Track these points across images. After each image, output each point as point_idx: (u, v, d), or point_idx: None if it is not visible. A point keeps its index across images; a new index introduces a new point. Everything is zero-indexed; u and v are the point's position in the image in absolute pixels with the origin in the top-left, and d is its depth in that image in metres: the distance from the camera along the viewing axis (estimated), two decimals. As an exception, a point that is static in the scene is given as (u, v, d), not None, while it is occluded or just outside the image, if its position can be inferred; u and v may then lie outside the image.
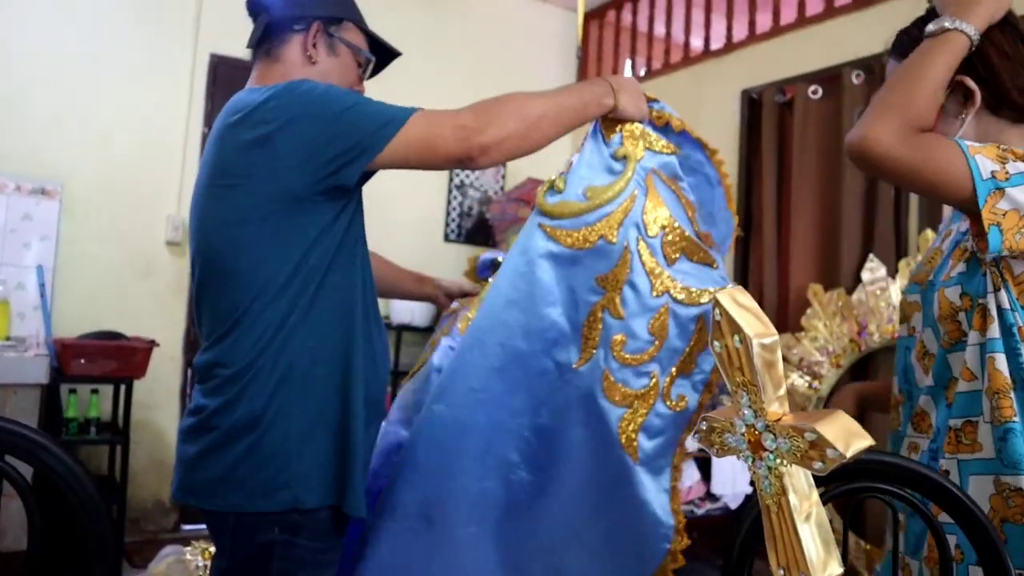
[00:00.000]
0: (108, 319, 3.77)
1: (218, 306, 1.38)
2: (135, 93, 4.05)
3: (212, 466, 1.36)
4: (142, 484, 3.98)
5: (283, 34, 1.49)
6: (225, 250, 1.37)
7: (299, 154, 1.30)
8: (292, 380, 1.35)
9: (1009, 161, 1.09)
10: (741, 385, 0.64)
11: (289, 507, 1.33)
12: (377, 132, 1.30)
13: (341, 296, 1.40)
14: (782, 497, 0.64)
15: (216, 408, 1.36)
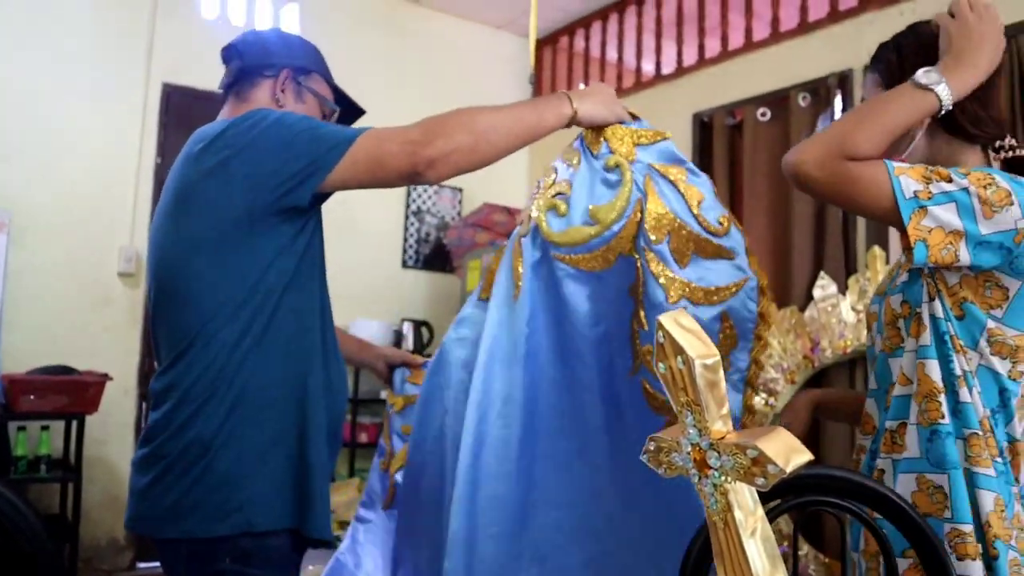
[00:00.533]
0: (60, 353, 3.69)
1: (173, 330, 1.39)
2: (87, 122, 4.00)
3: (165, 493, 1.34)
4: (96, 521, 3.89)
5: (254, 78, 1.55)
6: (179, 273, 1.38)
7: (252, 177, 1.33)
8: (246, 402, 1.34)
9: (933, 181, 1.14)
10: (685, 405, 0.65)
11: (242, 531, 1.32)
12: (327, 153, 1.33)
13: (298, 319, 1.41)
14: (728, 513, 0.65)
15: (170, 432, 1.35)
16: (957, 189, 1.12)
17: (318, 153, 1.33)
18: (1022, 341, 1.18)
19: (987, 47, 1.21)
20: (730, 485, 0.65)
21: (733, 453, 0.64)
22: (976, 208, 1.11)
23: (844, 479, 0.99)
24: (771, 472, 0.60)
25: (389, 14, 4.91)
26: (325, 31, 4.69)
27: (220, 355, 1.34)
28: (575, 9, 5.08)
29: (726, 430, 0.65)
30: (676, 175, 1.40)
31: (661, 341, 0.66)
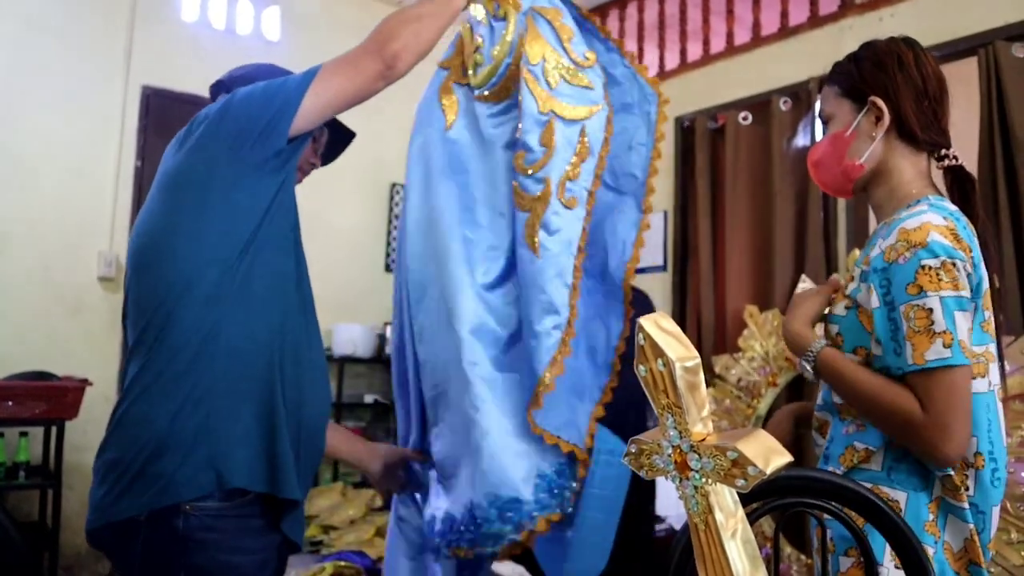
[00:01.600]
0: (38, 358, 3.65)
1: (148, 296, 1.37)
2: (64, 126, 3.95)
3: (127, 467, 1.31)
4: (75, 529, 3.84)
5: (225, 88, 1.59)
6: (154, 240, 1.38)
7: (230, 134, 1.38)
8: (216, 355, 1.33)
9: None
10: (666, 407, 0.65)
11: (211, 490, 1.29)
12: (294, 89, 1.41)
13: (272, 282, 1.42)
14: (709, 515, 0.65)
15: (132, 399, 1.36)
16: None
17: (285, 93, 1.40)
18: (988, 354, 1.24)
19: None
20: (711, 487, 0.65)
21: (713, 455, 0.64)
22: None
23: (824, 480, 0.99)
24: (751, 474, 0.60)
25: (371, 17, 4.86)
26: (306, 35, 4.68)
27: (195, 314, 1.33)
28: (557, 13, 5.09)
29: (707, 432, 0.66)
30: (553, 15, 1.73)
31: (642, 343, 0.66)
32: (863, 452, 1.25)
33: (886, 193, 1.35)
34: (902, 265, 1.20)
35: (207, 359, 1.33)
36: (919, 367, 1.17)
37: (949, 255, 1.18)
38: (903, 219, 1.25)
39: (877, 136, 1.33)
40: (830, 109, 1.41)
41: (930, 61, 1.37)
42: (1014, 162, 2.87)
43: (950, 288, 1.17)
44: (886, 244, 1.25)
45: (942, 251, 1.18)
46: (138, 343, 1.38)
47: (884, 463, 1.25)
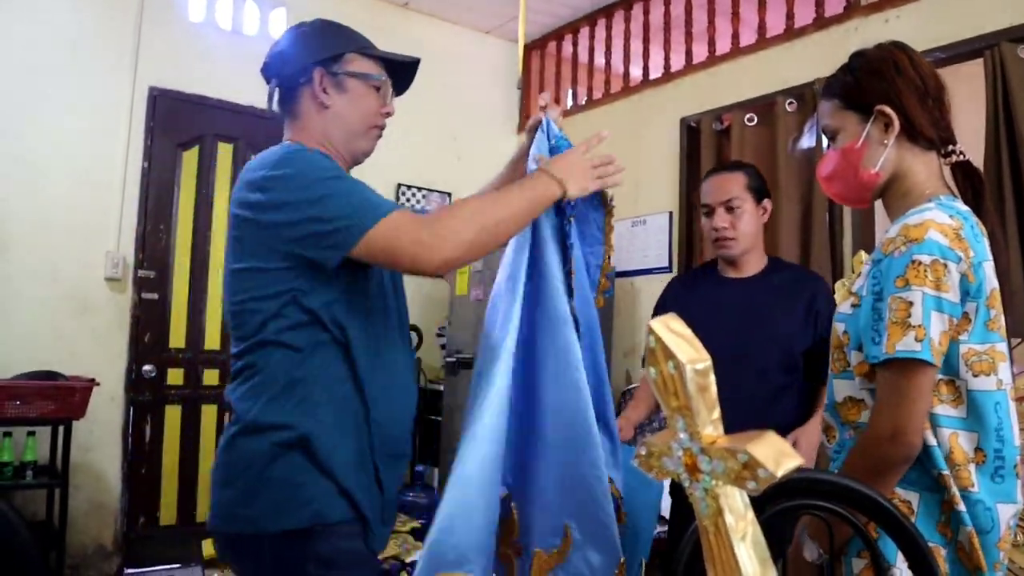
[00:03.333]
0: (46, 358, 3.67)
1: (235, 347, 1.48)
2: (71, 126, 3.97)
3: (260, 480, 1.40)
4: (82, 529, 3.86)
5: (293, 91, 1.55)
6: (233, 300, 1.47)
7: (281, 225, 1.38)
8: (302, 410, 1.41)
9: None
10: (676, 410, 0.66)
11: (349, 516, 1.40)
12: (349, 229, 1.35)
13: (356, 329, 1.45)
14: (719, 518, 0.66)
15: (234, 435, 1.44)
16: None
17: (341, 224, 1.35)
18: (994, 352, 1.23)
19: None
20: (721, 489, 0.65)
21: (724, 457, 0.64)
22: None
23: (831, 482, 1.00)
24: (762, 476, 0.60)
25: (376, 19, 4.90)
26: (313, 36, 4.69)
27: (280, 366, 1.41)
28: (563, 14, 5.09)
29: (717, 435, 0.66)
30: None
31: (652, 346, 0.66)
32: None
33: (901, 196, 1.37)
34: (896, 258, 1.22)
35: (305, 391, 1.41)
36: (889, 356, 1.19)
37: (942, 255, 1.19)
38: (909, 215, 1.27)
39: (888, 143, 1.34)
40: (835, 124, 1.41)
41: (923, 61, 1.38)
42: (1020, 163, 2.86)
43: (933, 287, 1.18)
44: (887, 237, 1.27)
45: (936, 250, 1.19)
46: (246, 366, 1.46)
47: None
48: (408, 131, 4.92)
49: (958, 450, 1.22)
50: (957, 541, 1.21)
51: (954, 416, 1.23)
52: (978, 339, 1.23)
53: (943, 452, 1.22)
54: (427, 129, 4.95)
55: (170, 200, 4.27)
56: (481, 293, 4.28)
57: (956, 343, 1.23)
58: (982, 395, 1.22)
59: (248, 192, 1.43)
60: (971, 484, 1.21)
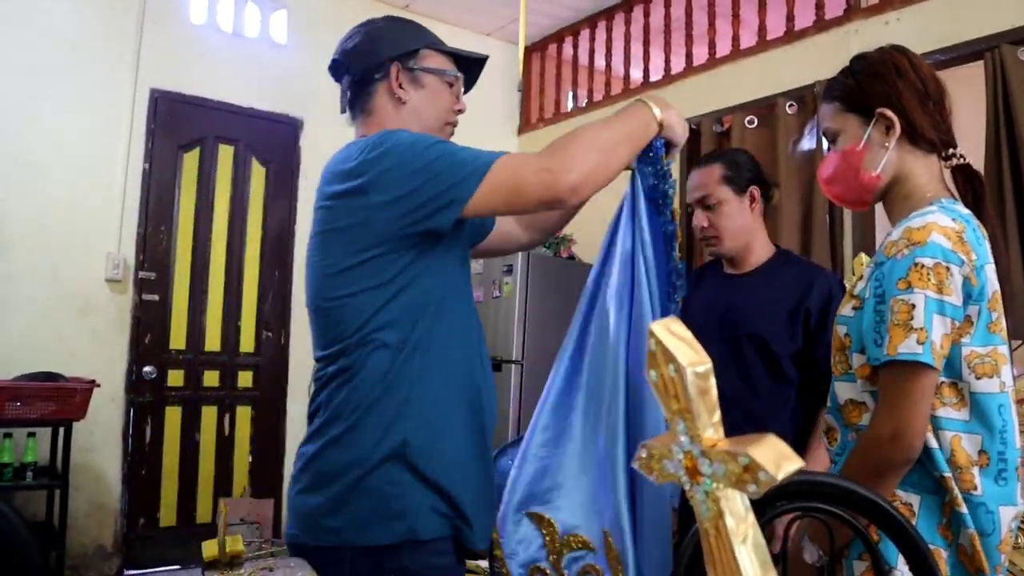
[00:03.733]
0: (46, 359, 3.67)
1: (323, 350, 1.43)
2: (73, 128, 3.98)
3: (326, 501, 1.37)
4: (82, 530, 3.86)
5: (368, 87, 1.52)
6: (328, 297, 1.40)
7: (393, 205, 1.33)
8: (401, 418, 1.36)
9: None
10: (677, 413, 0.66)
11: (445, 533, 1.36)
12: (463, 181, 1.32)
13: (450, 336, 1.42)
14: (719, 520, 0.66)
15: (325, 442, 1.39)
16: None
17: (455, 180, 1.32)
18: (996, 354, 1.23)
19: None
20: (721, 492, 0.65)
21: (724, 460, 0.64)
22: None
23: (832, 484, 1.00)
24: (762, 479, 0.60)
25: (378, 20, 4.90)
26: (313, 38, 4.69)
27: (377, 369, 1.36)
28: (564, 16, 5.10)
29: (717, 437, 0.66)
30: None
31: (652, 349, 0.66)
32: None
33: (902, 199, 1.37)
34: (899, 261, 1.22)
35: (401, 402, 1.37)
36: (890, 358, 1.19)
37: (945, 258, 1.19)
38: (911, 218, 1.27)
39: (890, 145, 1.35)
40: (836, 126, 1.41)
41: (924, 64, 1.38)
42: (1020, 165, 2.86)
43: (935, 290, 1.19)
44: (889, 240, 1.27)
45: (939, 253, 1.20)
46: (341, 370, 1.41)
47: None
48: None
49: (961, 452, 1.22)
50: (958, 544, 1.21)
51: (956, 419, 1.23)
52: (980, 342, 1.23)
53: (945, 455, 1.22)
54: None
55: (171, 202, 4.27)
56: (481, 295, 4.28)
57: (958, 346, 1.23)
58: (985, 397, 1.22)
59: (341, 182, 1.39)
60: (974, 487, 1.21)
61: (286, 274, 4.59)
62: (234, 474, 4.38)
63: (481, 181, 1.31)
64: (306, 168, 4.67)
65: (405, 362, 1.37)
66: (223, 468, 4.36)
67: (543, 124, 5.28)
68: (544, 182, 1.31)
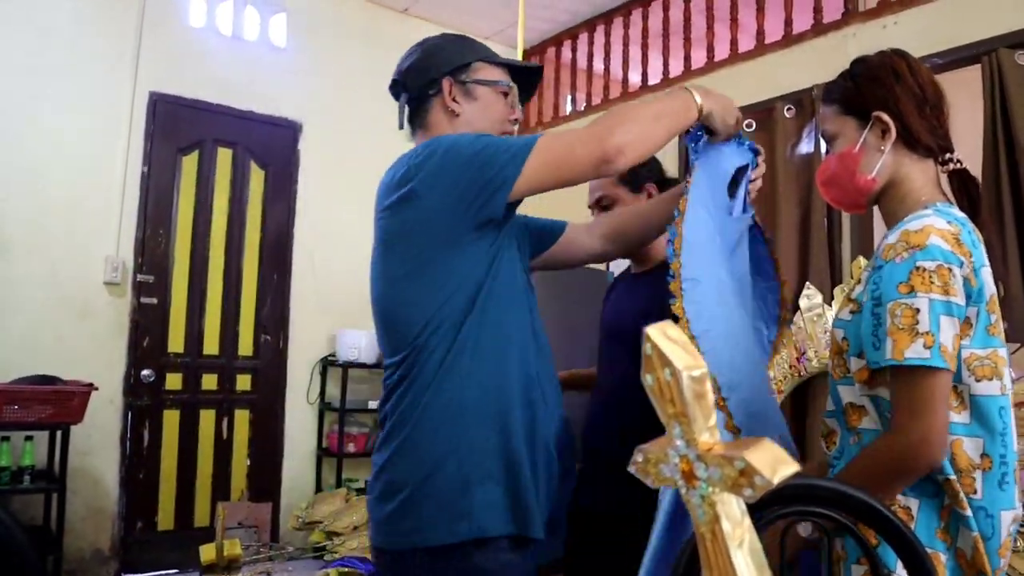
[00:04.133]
0: (44, 363, 3.66)
1: (390, 358, 1.48)
2: (72, 131, 3.98)
3: (397, 506, 1.41)
4: (79, 533, 3.85)
5: (424, 103, 1.58)
6: (390, 304, 1.47)
7: (445, 201, 1.38)
8: (458, 411, 1.39)
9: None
10: (673, 417, 0.66)
11: (472, 537, 1.36)
12: (509, 162, 1.36)
13: (503, 333, 1.44)
14: (716, 525, 0.65)
15: (392, 449, 1.43)
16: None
17: (501, 165, 1.36)
18: (996, 357, 1.24)
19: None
20: (718, 496, 0.65)
21: (720, 464, 0.64)
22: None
23: (829, 489, 1.00)
24: (758, 483, 0.60)
25: (376, 24, 4.92)
26: (313, 41, 4.70)
27: (429, 376, 1.40)
28: (562, 20, 5.11)
29: (713, 441, 0.66)
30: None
31: (648, 353, 0.66)
32: None
33: (898, 202, 1.37)
34: (898, 264, 1.21)
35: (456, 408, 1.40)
36: (897, 362, 1.18)
37: (946, 259, 1.19)
38: (907, 221, 1.27)
39: (885, 149, 1.35)
40: (833, 129, 1.42)
41: (923, 68, 1.38)
42: (1018, 168, 2.87)
43: (940, 292, 1.18)
44: (886, 243, 1.26)
45: (940, 255, 1.19)
46: (401, 378, 1.45)
47: None
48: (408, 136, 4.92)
49: (962, 455, 1.21)
50: (957, 548, 1.21)
51: (957, 422, 1.23)
52: (980, 344, 1.23)
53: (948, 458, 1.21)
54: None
55: (170, 205, 4.27)
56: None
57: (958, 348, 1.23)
58: (986, 400, 1.22)
59: (393, 191, 1.44)
60: (974, 491, 1.21)
61: (285, 277, 4.59)
62: (232, 478, 4.38)
63: (527, 158, 1.36)
64: (305, 171, 4.67)
65: (454, 363, 1.40)
66: (221, 472, 4.35)
67: (541, 127, 5.29)
68: (589, 145, 1.35)
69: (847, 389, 1.33)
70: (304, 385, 4.62)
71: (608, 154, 1.35)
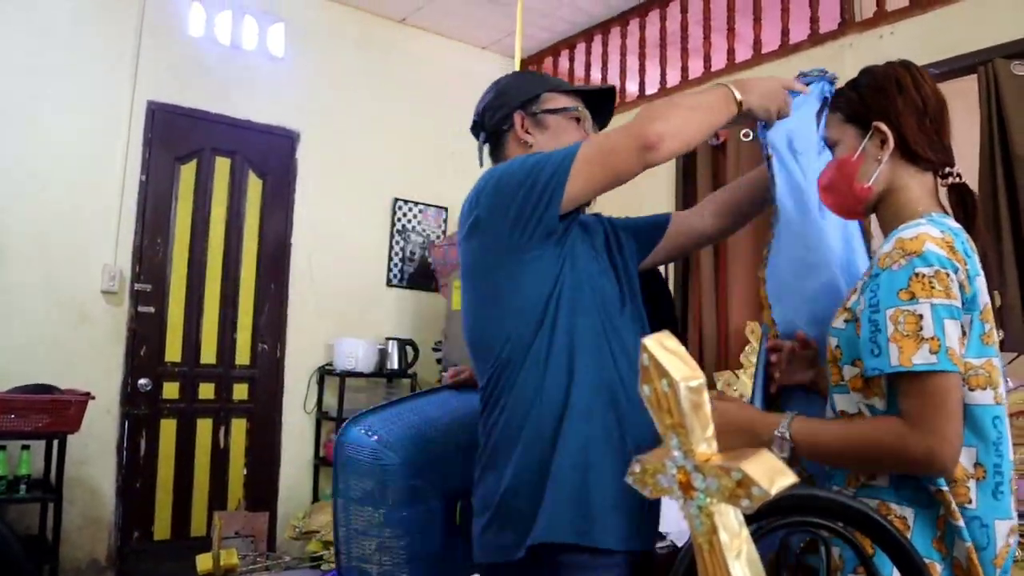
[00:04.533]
0: (41, 371, 3.65)
1: (482, 382, 1.54)
2: (70, 139, 3.98)
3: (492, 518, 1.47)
4: (75, 543, 3.84)
5: (500, 139, 1.66)
6: (476, 331, 1.54)
7: (505, 222, 1.45)
8: (512, 437, 1.45)
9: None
10: (670, 427, 0.66)
11: (581, 544, 1.39)
12: (556, 171, 1.41)
13: (570, 339, 1.46)
14: (713, 535, 0.66)
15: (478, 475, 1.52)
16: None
17: (549, 174, 1.41)
18: (990, 366, 1.24)
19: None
20: (715, 507, 0.65)
21: (718, 475, 0.64)
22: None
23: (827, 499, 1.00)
24: (756, 494, 0.60)
25: (374, 34, 4.93)
26: (311, 50, 4.71)
27: (505, 389, 1.46)
28: (560, 30, 5.12)
29: (710, 452, 0.66)
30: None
31: (646, 364, 0.66)
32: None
33: (894, 212, 1.38)
34: (895, 271, 1.21)
35: (536, 419, 1.44)
36: (905, 368, 1.17)
37: (943, 265, 1.20)
38: (901, 229, 1.28)
39: (883, 159, 1.36)
40: (835, 136, 1.43)
41: (928, 81, 1.39)
42: (1014, 178, 2.87)
43: (942, 296, 1.18)
44: (882, 252, 1.27)
45: (936, 260, 1.20)
46: (490, 395, 1.52)
47: (891, 479, 1.25)
48: (405, 146, 4.93)
49: (957, 465, 1.22)
50: (953, 557, 1.21)
51: None
52: (974, 353, 1.23)
53: None
54: (424, 144, 4.97)
55: (167, 213, 4.27)
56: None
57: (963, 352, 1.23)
58: (979, 409, 1.22)
59: (464, 223, 1.54)
60: (968, 500, 1.21)
61: (282, 286, 4.59)
62: (229, 487, 4.37)
63: (572, 164, 1.40)
64: (303, 180, 4.68)
65: (526, 379, 1.45)
66: (218, 481, 4.34)
67: (539, 137, 5.29)
68: (630, 137, 1.38)
69: (842, 397, 1.34)
70: (301, 394, 4.61)
71: (650, 140, 1.36)
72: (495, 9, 4.81)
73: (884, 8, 3.47)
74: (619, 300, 1.56)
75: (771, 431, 1.27)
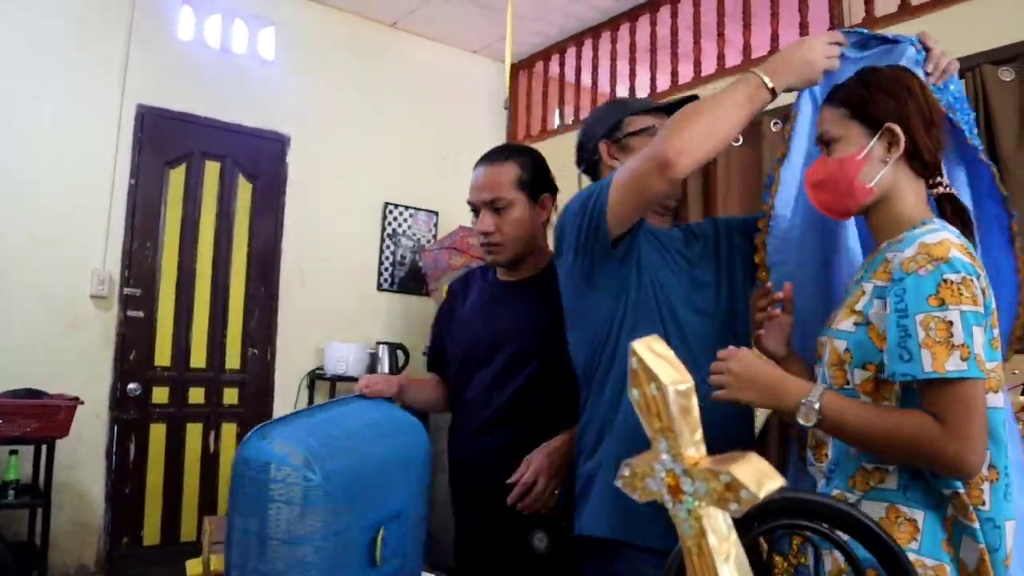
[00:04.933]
0: (30, 376, 3.63)
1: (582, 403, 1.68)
2: (59, 143, 3.96)
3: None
4: (64, 549, 3.82)
5: (594, 170, 1.78)
6: (571, 354, 1.67)
7: (573, 250, 1.59)
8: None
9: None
10: (659, 431, 0.66)
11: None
12: (599, 198, 1.52)
13: (624, 357, 1.51)
14: (702, 539, 0.66)
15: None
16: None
17: (593, 202, 1.53)
18: (999, 370, 1.26)
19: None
20: (704, 511, 0.66)
21: (706, 479, 0.64)
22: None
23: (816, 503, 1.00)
24: (744, 497, 0.60)
25: (365, 38, 4.93)
26: (301, 54, 4.71)
27: (591, 392, 1.62)
28: (550, 34, 5.13)
29: (699, 456, 0.66)
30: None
31: (634, 368, 0.67)
32: (877, 472, 1.26)
33: (889, 216, 1.37)
34: (923, 277, 1.21)
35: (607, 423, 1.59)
36: (938, 375, 1.17)
37: (968, 271, 1.20)
38: (921, 234, 1.26)
39: (890, 161, 1.36)
40: (837, 132, 1.40)
41: (929, 90, 1.40)
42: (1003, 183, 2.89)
43: (970, 303, 1.18)
44: (903, 257, 1.25)
45: (963, 267, 1.20)
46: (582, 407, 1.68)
47: (899, 482, 1.25)
48: (395, 150, 4.93)
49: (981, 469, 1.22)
50: (959, 559, 1.20)
51: None
52: (987, 357, 1.23)
53: None
54: (414, 148, 4.97)
55: (157, 218, 4.26)
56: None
57: None
58: (992, 412, 1.23)
59: (555, 254, 1.69)
60: (982, 502, 1.21)
61: (272, 291, 4.58)
62: (219, 492, 4.34)
63: (609, 190, 1.50)
64: (293, 184, 4.67)
65: (587, 397, 1.62)
66: (208, 486, 4.32)
67: (529, 141, 5.30)
68: (648, 158, 1.43)
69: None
70: (292, 399, 4.60)
71: (667, 159, 1.39)
72: (486, 13, 4.82)
73: (873, 14, 3.49)
74: (702, 311, 1.63)
75: (797, 397, 1.26)
